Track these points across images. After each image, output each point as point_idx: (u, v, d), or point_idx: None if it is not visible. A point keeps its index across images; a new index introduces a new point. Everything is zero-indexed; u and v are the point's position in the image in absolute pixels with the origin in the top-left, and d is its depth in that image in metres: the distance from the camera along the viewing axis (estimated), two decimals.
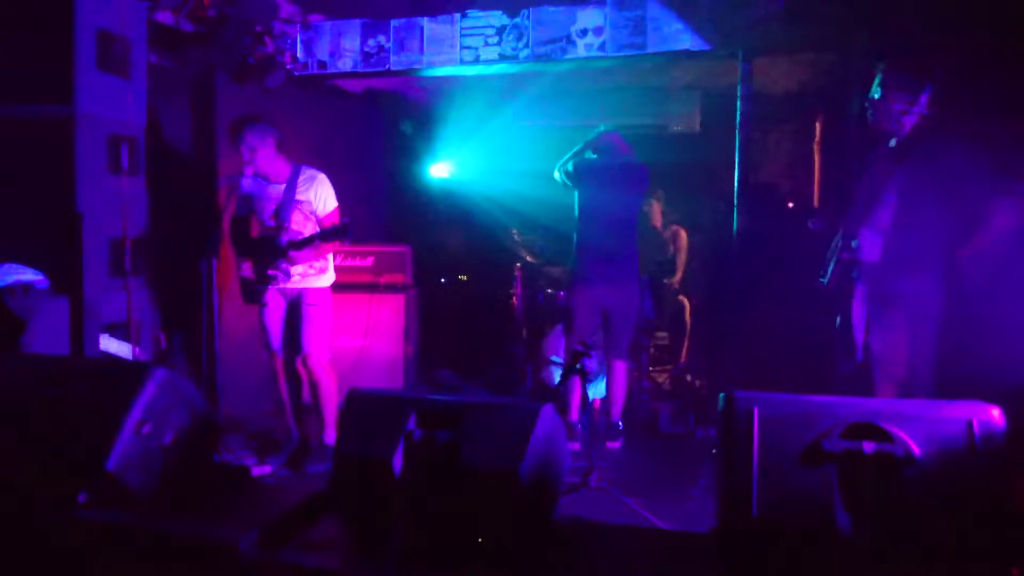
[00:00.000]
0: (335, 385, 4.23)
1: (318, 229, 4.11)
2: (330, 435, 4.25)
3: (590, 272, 4.67)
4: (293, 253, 4.05)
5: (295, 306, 4.20)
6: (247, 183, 4.19)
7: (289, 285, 4.18)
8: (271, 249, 4.09)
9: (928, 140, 3.18)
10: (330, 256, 4.26)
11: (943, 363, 3.15)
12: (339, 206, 4.21)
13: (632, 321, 4.76)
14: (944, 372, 3.12)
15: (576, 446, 4.34)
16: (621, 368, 4.72)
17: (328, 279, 4.27)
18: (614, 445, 4.65)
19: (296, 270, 4.13)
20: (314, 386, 4.22)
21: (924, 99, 3.19)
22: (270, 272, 4.10)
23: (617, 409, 4.73)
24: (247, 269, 4.15)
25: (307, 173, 4.18)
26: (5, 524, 2.05)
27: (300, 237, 4.08)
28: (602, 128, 4.89)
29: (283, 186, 4.14)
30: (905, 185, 3.19)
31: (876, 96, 3.29)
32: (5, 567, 2.03)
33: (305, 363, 4.17)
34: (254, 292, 4.17)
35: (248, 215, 4.25)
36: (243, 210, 4.27)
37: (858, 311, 3.32)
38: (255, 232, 4.24)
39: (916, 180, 3.17)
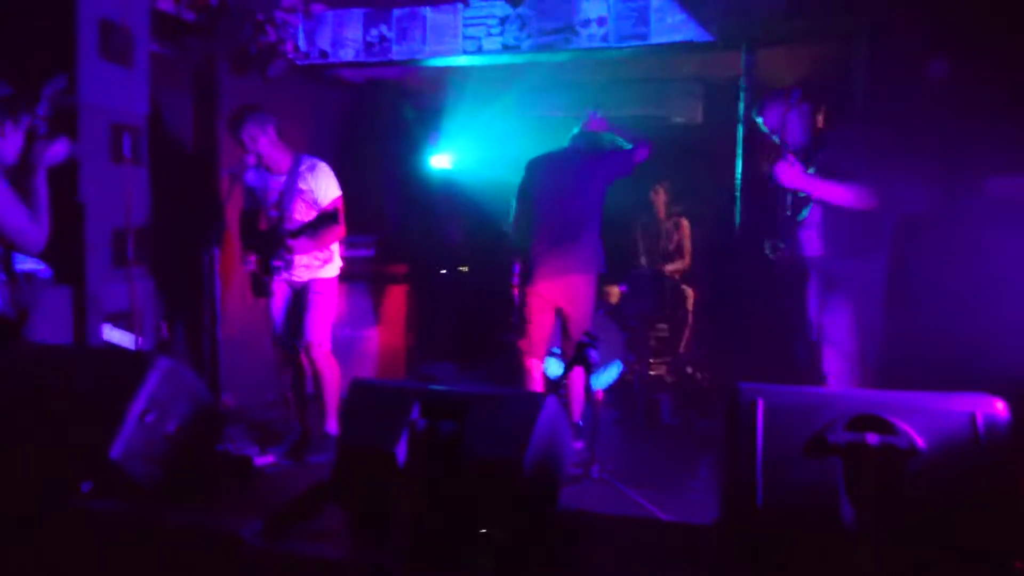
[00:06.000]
0: (337, 375, 4.24)
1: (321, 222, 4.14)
2: (332, 425, 4.26)
3: (542, 270, 4.38)
4: (291, 242, 4.08)
5: (300, 295, 4.22)
6: (251, 176, 4.21)
7: (296, 277, 4.19)
8: (274, 240, 4.11)
9: (831, 141, 3.45)
10: (335, 247, 4.27)
11: (949, 356, 3.21)
12: (342, 195, 4.21)
13: (588, 317, 4.42)
14: (949, 364, 3.16)
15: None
16: (579, 369, 4.27)
17: (334, 269, 4.29)
18: (577, 446, 4.32)
19: (301, 260, 4.14)
20: (316, 376, 4.23)
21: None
22: (273, 263, 4.12)
23: (577, 410, 4.43)
24: (253, 261, 4.17)
25: (308, 162, 4.19)
26: (8, 514, 2.06)
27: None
28: (575, 131, 4.62)
29: (285, 177, 4.15)
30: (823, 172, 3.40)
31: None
32: (9, 557, 2.04)
33: (307, 352, 4.18)
34: (261, 284, 4.19)
35: (255, 208, 4.26)
36: (249, 203, 4.29)
37: (811, 294, 3.57)
38: (262, 225, 4.25)
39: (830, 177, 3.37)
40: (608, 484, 3.74)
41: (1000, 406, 1.69)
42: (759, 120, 3.66)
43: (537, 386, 4.49)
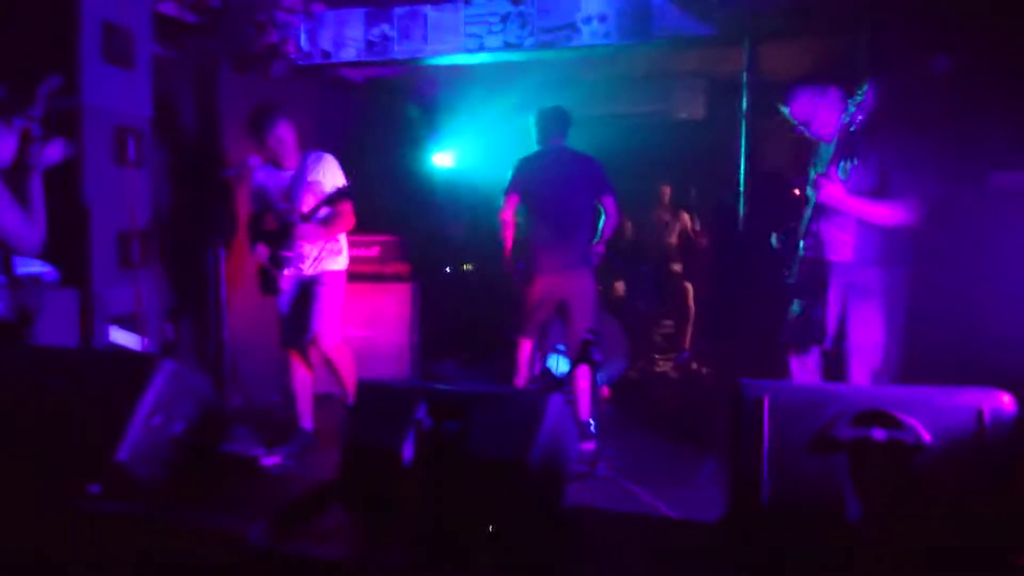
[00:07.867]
0: (351, 361, 4.23)
1: (330, 211, 4.14)
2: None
3: (544, 264, 4.48)
4: (303, 226, 4.05)
5: (308, 288, 4.19)
6: (259, 175, 4.21)
7: (305, 271, 4.18)
8: (284, 230, 4.10)
9: (871, 136, 3.18)
10: (343, 240, 4.28)
11: (954, 349, 3.19)
12: (348, 185, 4.21)
13: (591, 310, 4.52)
14: (955, 358, 3.15)
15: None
16: (584, 367, 4.43)
17: (342, 262, 4.28)
18: (587, 447, 4.23)
19: (311, 252, 4.14)
20: (330, 367, 4.21)
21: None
22: (284, 253, 4.08)
23: (585, 409, 4.45)
24: (262, 254, 4.15)
25: (314, 154, 4.23)
26: (15, 516, 2.06)
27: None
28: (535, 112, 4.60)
29: (293, 171, 4.17)
30: (858, 183, 3.19)
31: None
32: (15, 559, 2.04)
33: (315, 345, 4.15)
34: (270, 281, 4.16)
35: (263, 209, 4.26)
36: (257, 204, 4.28)
37: (832, 301, 3.35)
38: (272, 221, 4.23)
39: (865, 177, 3.18)
40: (614, 481, 3.74)
41: (1007, 400, 1.68)
42: (785, 111, 3.45)
43: (522, 363, 4.58)
